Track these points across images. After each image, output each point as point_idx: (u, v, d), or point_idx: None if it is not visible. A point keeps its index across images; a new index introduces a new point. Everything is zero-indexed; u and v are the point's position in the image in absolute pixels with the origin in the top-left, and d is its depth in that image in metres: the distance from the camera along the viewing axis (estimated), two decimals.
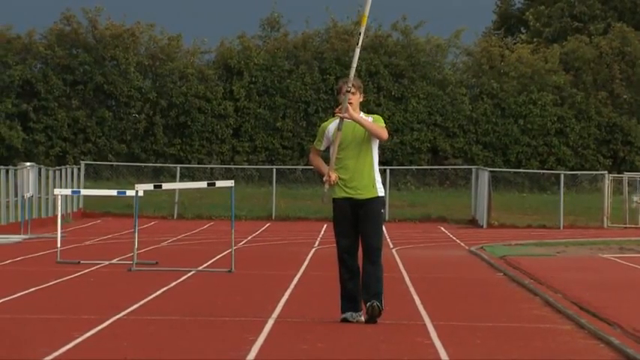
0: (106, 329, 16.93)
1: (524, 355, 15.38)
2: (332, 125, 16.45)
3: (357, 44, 16.07)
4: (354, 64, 16.16)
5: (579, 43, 75.71)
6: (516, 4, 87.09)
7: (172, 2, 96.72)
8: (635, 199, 56.79)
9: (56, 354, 14.40)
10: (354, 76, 16.01)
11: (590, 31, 77.01)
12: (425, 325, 17.56)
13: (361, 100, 16.20)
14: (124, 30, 75.03)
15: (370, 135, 16.42)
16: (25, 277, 24.56)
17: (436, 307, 19.79)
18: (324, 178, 16.23)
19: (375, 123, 16.32)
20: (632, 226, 53.19)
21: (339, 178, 16.42)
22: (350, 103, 16.01)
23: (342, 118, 15.98)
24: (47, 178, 50.88)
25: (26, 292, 21.99)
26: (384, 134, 16.34)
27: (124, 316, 18.44)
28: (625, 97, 73.32)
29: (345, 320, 16.58)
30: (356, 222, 16.49)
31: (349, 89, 16.07)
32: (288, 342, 15.50)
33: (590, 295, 21.90)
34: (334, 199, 16.58)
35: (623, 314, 18.79)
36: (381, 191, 16.55)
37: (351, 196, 16.46)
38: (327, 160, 16.82)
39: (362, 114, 16.29)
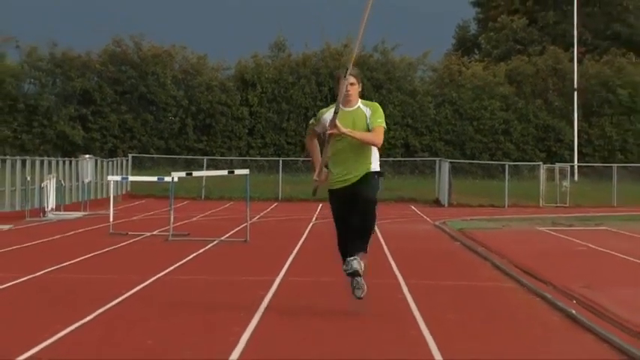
0: (148, 287, 16.93)
1: (478, 307, 15.37)
2: (328, 114, 13.54)
3: (345, 76, 13.33)
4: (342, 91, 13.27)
5: (521, 61, 75.61)
6: (471, 31, 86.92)
7: (200, 29, 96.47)
8: (564, 184, 56.78)
9: (108, 306, 14.40)
10: (354, 67, 13.54)
11: (530, 52, 76.88)
12: (399, 283, 17.56)
13: (359, 90, 13.58)
14: (162, 51, 74.85)
15: (367, 124, 13.50)
16: (85, 246, 24.52)
17: (408, 270, 19.76)
18: (315, 178, 13.61)
19: (372, 116, 13.45)
20: (562, 205, 53.15)
21: (335, 173, 13.55)
22: (349, 94, 13.43)
23: (336, 112, 13.24)
24: (102, 167, 50.91)
25: (86, 257, 21.96)
26: (378, 140, 13.53)
27: (162, 276, 18.44)
28: (557, 104, 73.19)
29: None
30: (353, 203, 13.53)
31: (337, 110, 13.25)
32: (291, 298, 15.50)
33: (529, 260, 21.88)
34: (330, 190, 13.70)
35: (555, 275, 18.78)
36: (374, 168, 13.66)
37: (346, 185, 13.55)
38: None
39: (360, 102, 13.60)
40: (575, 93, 70.82)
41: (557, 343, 12.27)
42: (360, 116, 13.52)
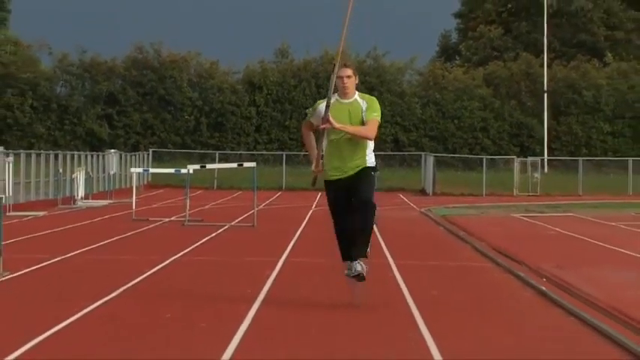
0: (167, 266, 16.93)
1: (460, 285, 15.37)
2: (323, 106, 12.23)
3: (333, 71, 12.10)
4: (331, 90, 12.04)
5: (497, 66, 75.62)
6: (453, 40, 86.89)
7: (212, 37, 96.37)
8: (535, 175, 56.79)
9: (133, 282, 14.40)
10: (350, 59, 12.82)
11: (505, 58, 76.86)
12: (389, 263, 17.56)
13: (356, 82, 12.25)
14: (179, 57, 74.83)
15: (362, 117, 12.14)
16: (110, 230, 24.52)
17: (397, 251, 19.76)
18: (312, 169, 12.38)
19: (368, 109, 12.09)
20: (533, 194, 53.12)
21: (330, 164, 12.23)
22: (346, 87, 12.13)
23: (327, 105, 11.95)
24: (125, 160, 50.89)
25: (111, 240, 21.96)
26: (371, 134, 12.15)
27: (179, 257, 18.43)
28: (529, 104, 73.19)
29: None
30: (349, 196, 12.16)
31: (329, 104, 11.97)
32: (293, 278, 15.50)
33: (504, 242, 21.89)
34: (326, 181, 12.29)
35: (528, 256, 18.79)
36: (370, 162, 12.29)
37: (342, 177, 12.16)
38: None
39: (357, 95, 12.24)
40: (545, 94, 70.85)
41: (530, 317, 12.27)
42: (356, 108, 12.21)
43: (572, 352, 9.91)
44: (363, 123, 12.11)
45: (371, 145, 12.32)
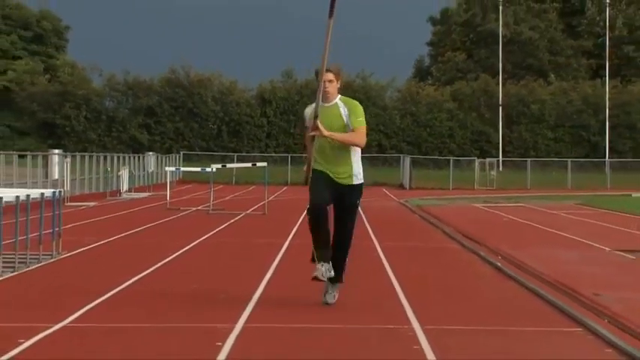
0: (195, 246, 16.91)
1: (432, 262, 15.36)
2: (309, 109, 10.19)
3: (317, 78, 9.93)
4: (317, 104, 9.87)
5: (461, 85, 75.66)
6: (425, 63, 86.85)
7: (231, 61, 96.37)
8: (492, 173, 56.88)
9: (167, 259, 14.36)
10: (334, 62, 9.98)
11: (467, 79, 76.87)
12: (375, 245, 17.53)
13: (339, 86, 10.02)
14: (204, 77, 74.81)
15: (345, 122, 9.92)
16: (149, 217, 24.53)
17: (381, 234, 19.75)
18: (304, 169, 10.29)
19: (352, 115, 9.87)
20: (490, 188, 53.15)
21: (319, 164, 10.06)
22: (327, 91, 9.92)
23: (316, 116, 9.79)
24: (161, 161, 50.93)
25: (150, 225, 21.95)
26: (360, 141, 9.96)
27: (204, 239, 18.40)
28: (487, 115, 73.18)
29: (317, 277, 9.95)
30: (331, 187, 9.91)
31: (317, 115, 9.80)
32: (295, 255, 15.48)
33: (468, 227, 21.88)
34: (313, 169, 10.03)
35: (487, 239, 18.77)
36: (357, 179, 10.05)
37: (329, 173, 9.97)
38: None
39: (339, 99, 10.00)
40: (500, 108, 70.84)
41: (488, 288, 12.27)
42: (336, 112, 9.95)
43: (524, 317, 9.87)
44: (343, 127, 9.86)
45: (358, 153, 10.07)
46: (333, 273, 9.79)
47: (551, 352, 8.10)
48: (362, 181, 10.12)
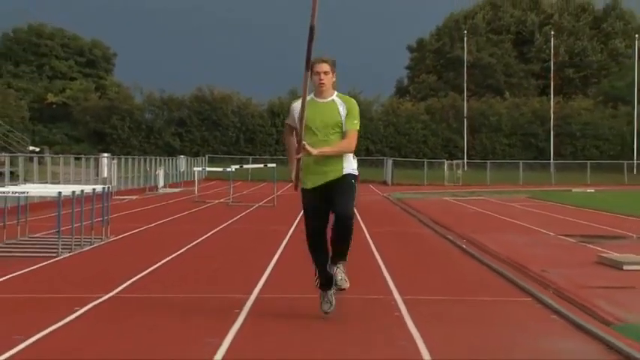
0: (217, 232, 16.89)
1: (409, 244, 15.33)
2: (296, 104, 7.67)
3: (307, 70, 7.29)
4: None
5: (433, 101, 75.46)
6: (404, 83, 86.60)
7: (247, 81, 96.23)
8: (458, 172, 56.82)
9: (194, 243, 14.36)
10: (329, 57, 7.58)
11: (439, 96, 76.72)
12: (363, 230, 17.53)
13: (334, 80, 7.65)
14: (225, 95, 74.56)
15: (342, 121, 7.55)
16: (180, 208, 24.52)
17: (368, 223, 19.70)
18: (292, 178, 7.74)
19: (348, 116, 7.53)
20: (457, 184, 53.07)
21: (309, 170, 7.61)
22: (323, 84, 7.51)
23: (300, 141, 7.42)
24: (190, 162, 50.87)
25: (180, 214, 21.92)
26: (350, 148, 7.61)
27: (224, 226, 18.39)
28: (454, 125, 72.97)
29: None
30: (326, 202, 7.63)
31: (301, 140, 7.37)
32: (298, 241, 15.46)
33: (439, 216, 21.86)
34: (303, 189, 7.79)
35: (454, 225, 18.75)
36: (348, 170, 7.64)
37: (319, 184, 7.61)
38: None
39: (336, 95, 7.63)
40: (465, 119, 70.71)
41: (456, 266, 12.25)
42: (333, 110, 7.50)
43: (484, 289, 9.88)
44: (340, 127, 7.49)
45: (349, 154, 7.69)
46: (341, 282, 7.60)
47: (505, 318, 8.11)
48: (355, 172, 7.65)
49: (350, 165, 7.65)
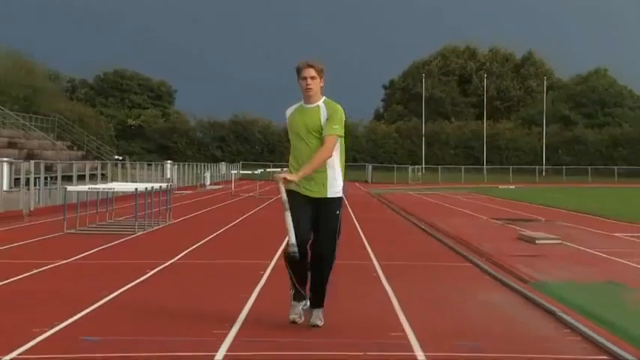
0: (246, 218, 16.83)
1: (384, 226, 15.27)
2: (289, 110, 5.36)
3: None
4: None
5: (402, 124, 75.14)
6: (380, 111, 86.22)
7: (270, 106, 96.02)
8: (419, 174, 56.72)
9: (230, 225, 14.30)
10: (317, 62, 5.23)
11: (405, 120, 76.37)
12: (352, 217, 17.49)
13: (322, 84, 5.20)
14: (253, 119, 74.13)
15: (321, 127, 5.15)
16: (220, 200, 24.44)
17: (355, 211, 19.66)
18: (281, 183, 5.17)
19: (329, 121, 5.13)
20: (418, 183, 52.98)
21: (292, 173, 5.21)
22: (310, 89, 5.13)
23: (285, 200, 5.12)
24: (229, 167, 50.76)
25: (221, 205, 21.87)
26: (326, 155, 5.08)
27: (252, 213, 18.32)
28: (416, 142, 72.69)
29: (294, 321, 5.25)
30: (312, 211, 5.14)
31: (283, 177, 5.16)
32: None
33: (405, 206, 21.80)
34: (287, 190, 5.14)
35: (416, 212, 18.69)
36: (332, 192, 5.16)
37: (305, 194, 5.15)
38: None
39: (322, 100, 5.19)
40: (423, 137, 70.51)
41: (417, 242, 12.19)
42: (315, 115, 5.22)
43: (437, 257, 9.85)
44: (320, 132, 5.17)
45: (335, 162, 5.22)
46: (314, 320, 5.18)
47: (452, 277, 8.09)
48: (340, 194, 5.24)
49: (334, 182, 5.15)
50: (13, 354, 4.38)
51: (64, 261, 8.72)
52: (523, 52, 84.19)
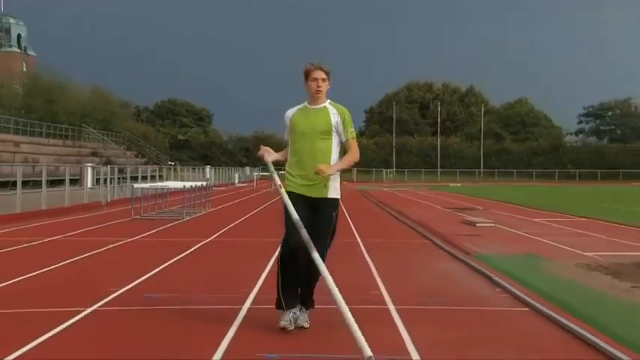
0: (265, 208, 16.72)
1: (368, 215, 15.20)
2: (290, 112, 3.85)
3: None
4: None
5: (377, 139, 74.80)
6: (362, 129, 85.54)
7: (282, 123, 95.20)
8: (391, 175, 56.53)
9: (255, 212, 14.20)
10: (325, 65, 3.60)
11: (380, 136, 75.88)
12: (346, 216, 17.43)
13: (328, 87, 3.65)
14: (270, 134, 73.20)
15: (332, 129, 3.71)
16: (245, 194, 24.33)
17: (345, 204, 19.44)
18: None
19: (345, 124, 3.80)
20: (391, 182, 52.82)
21: (293, 174, 4.12)
22: (320, 91, 3.67)
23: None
24: (252, 170, 50.54)
25: (245, 198, 21.73)
26: (355, 158, 3.90)
27: (269, 204, 18.21)
28: (388, 152, 72.38)
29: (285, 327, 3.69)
30: (309, 212, 3.80)
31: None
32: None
33: (381, 198, 21.70)
34: (287, 191, 3.99)
35: (390, 204, 18.62)
36: (332, 193, 4.01)
37: (302, 193, 3.95)
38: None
39: (328, 102, 3.71)
40: (394, 148, 70.27)
41: (392, 227, 12.13)
42: (324, 116, 3.80)
43: (405, 236, 9.81)
44: (329, 135, 3.86)
45: (335, 152, 3.93)
46: (301, 322, 3.89)
47: (414, 251, 8.05)
48: (338, 195, 4.19)
49: (335, 182, 4.07)
50: (95, 306, 4.57)
51: (131, 239, 8.71)
52: (467, 86, 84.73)
